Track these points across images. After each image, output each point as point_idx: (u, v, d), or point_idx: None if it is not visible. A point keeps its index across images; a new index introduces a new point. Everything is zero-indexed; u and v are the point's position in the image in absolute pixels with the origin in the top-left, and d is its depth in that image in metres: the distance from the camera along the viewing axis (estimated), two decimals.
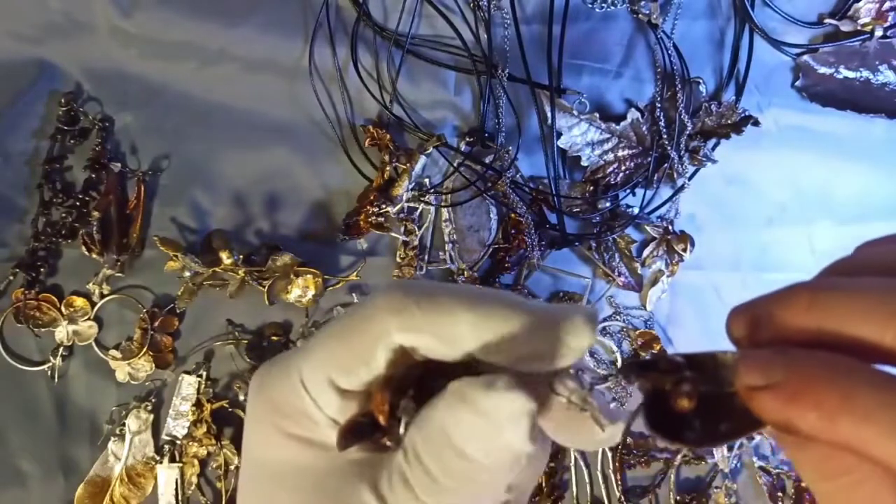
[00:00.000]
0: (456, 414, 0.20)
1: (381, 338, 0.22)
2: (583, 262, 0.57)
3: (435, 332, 0.22)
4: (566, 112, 0.55)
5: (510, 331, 0.21)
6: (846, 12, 0.58)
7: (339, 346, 0.23)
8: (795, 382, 0.19)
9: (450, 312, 0.21)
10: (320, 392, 0.23)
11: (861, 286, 0.20)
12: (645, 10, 0.56)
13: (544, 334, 0.21)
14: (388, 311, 0.22)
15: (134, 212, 0.53)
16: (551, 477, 0.56)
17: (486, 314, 0.21)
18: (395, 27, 0.55)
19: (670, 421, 0.21)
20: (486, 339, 0.21)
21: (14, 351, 0.53)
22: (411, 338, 0.22)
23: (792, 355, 0.19)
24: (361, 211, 0.54)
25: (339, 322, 0.23)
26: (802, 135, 0.59)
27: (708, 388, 0.20)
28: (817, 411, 0.18)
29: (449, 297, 0.22)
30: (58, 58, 0.53)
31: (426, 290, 0.22)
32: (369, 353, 0.22)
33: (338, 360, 0.23)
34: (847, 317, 0.19)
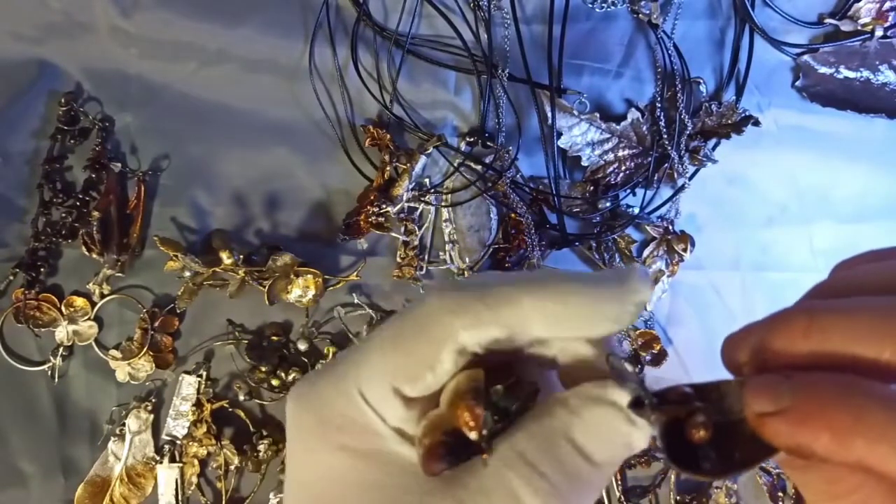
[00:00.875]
0: (587, 418, 0.21)
1: (447, 340, 0.21)
2: (583, 262, 0.57)
3: (503, 322, 0.21)
4: (566, 112, 0.55)
5: (574, 303, 0.21)
6: (846, 12, 0.58)
7: (400, 352, 0.22)
8: (805, 406, 0.19)
9: (512, 301, 0.21)
10: (383, 402, 0.22)
11: (855, 306, 0.20)
12: (645, 9, 0.56)
13: (607, 297, 0.21)
14: (449, 312, 0.21)
15: (134, 212, 0.53)
16: None
17: (546, 294, 0.21)
18: (396, 27, 0.55)
19: (687, 452, 0.21)
20: (554, 318, 0.21)
21: (14, 351, 0.53)
22: (478, 334, 0.21)
23: (798, 379, 0.19)
24: (361, 211, 0.53)
25: (394, 328, 0.23)
26: (802, 135, 0.59)
27: (718, 417, 0.21)
28: (830, 433, 0.18)
29: (507, 287, 0.22)
30: (58, 58, 0.53)
31: (481, 283, 0.22)
32: (434, 357, 0.22)
33: (401, 367, 0.22)
34: (845, 338, 0.19)
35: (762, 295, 0.58)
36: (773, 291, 0.58)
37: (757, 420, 0.20)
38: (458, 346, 0.22)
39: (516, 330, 0.22)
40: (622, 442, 0.21)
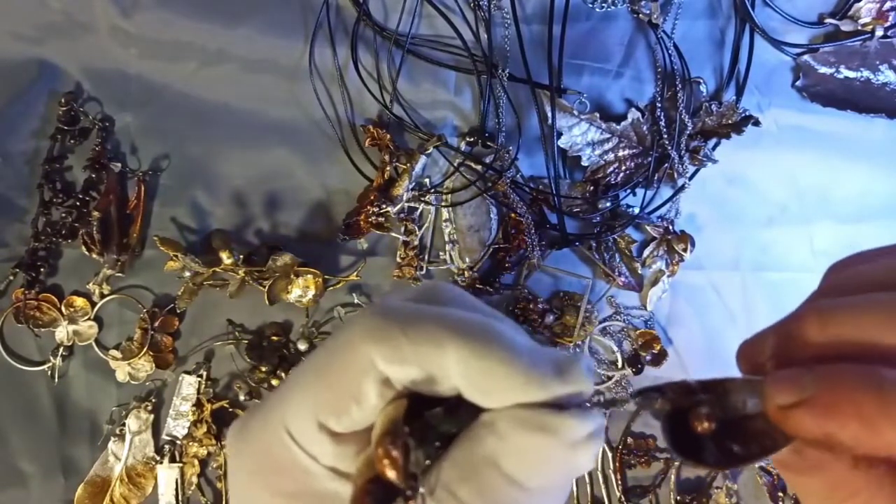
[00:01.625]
0: (516, 444, 0.19)
1: (368, 371, 0.20)
2: (583, 262, 0.57)
3: (422, 364, 0.20)
4: (566, 112, 0.55)
5: (500, 374, 0.19)
6: (846, 12, 0.58)
7: (323, 384, 0.21)
8: (830, 394, 0.19)
9: (440, 345, 0.19)
10: (310, 440, 0.21)
11: (862, 301, 0.20)
12: (645, 9, 0.56)
13: (537, 382, 0.19)
14: (371, 340, 0.20)
15: (134, 212, 0.53)
16: None
17: (477, 350, 0.19)
18: (396, 27, 0.55)
19: (690, 442, 0.21)
20: (475, 380, 0.20)
21: (14, 351, 0.53)
22: (398, 370, 0.20)
23: (821, 370, 0.19)
24: (361, 211, 0.53)
25: (318, 357, 0.21)
26: (803, 135, 0.59)
27: (721, 413, 0.21)
28: (858, 420, 0.18)
29: (437, 325, 0.20)
30: (58, 58, 0.53)
31: (411, 315, 0.20)
32: (357, 389, 0.20)
33: (324, 401, 0.21)
34: (857, 329, 0.20)
35: (762, 295, 0.58)
36: (773, 291, 0.58)
37: (779, 413, 0.20)
38: (381, 378, 0.20)
39: (435, 375, 0.20)
40: (563, 470, 0.20)
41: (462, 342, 0.19)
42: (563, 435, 0.19)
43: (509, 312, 0.56)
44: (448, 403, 0.21)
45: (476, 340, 0.19)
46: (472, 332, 0.20)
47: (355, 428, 0.21)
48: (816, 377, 0.19)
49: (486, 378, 0.19)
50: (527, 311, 0.55)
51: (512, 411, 0.19)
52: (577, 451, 0.19)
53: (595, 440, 0.20)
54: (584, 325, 0.56)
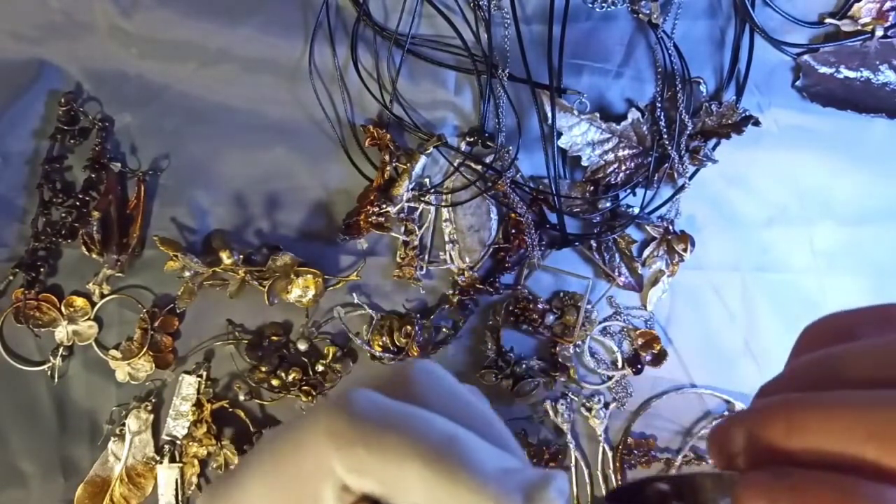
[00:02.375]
0: None
1: (326, 475, 0.19)
2: (583, 262, 0.57)
3: (382, 478, 0.19)
4: (566, 112, 0.55)
5: (466, 501, 0.18)
6: (847, 12, 0.58)
7: (280, 482, 0.20)
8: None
9: (401, 462, 0.19)
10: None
11: (833, 403, 0.19)
12: (645, 9, 0.56)
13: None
14: (331, 445, 0.19)
15: (134, 212, 0.53)
16: None
17: (442, 473, 0.19)
18: (396, 27, 0.55)
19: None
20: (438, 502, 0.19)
21: (14, 351, 0.53)
22: (356, 480, 0.19)
23: (795, 478, 0.19)
24: (361, 211, 0.53)
25: (274, 453, 0.21)
26: (803, 135, 0.59)
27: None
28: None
29: (401, 441, 0.19)
30: (58, 58, 0.53)
31: (375, 423, 0.19)
32: (315, 493, 0.20)
33: (280, 501, 0.20)
34: (826, 437, 0.19)
35: (762, 295, 0.58)
36: (773, 292, 0.58)
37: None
38: (340, 483, 0.20)
39: (395, 491, 0.19)
40: None
41: (425, 463, 0.19)
42: None
43: (509, 312, 0.56)
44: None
45: (440, 462, 0.19)
46: (436, 451, 0.19)
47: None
48: (788, 488, 0.18)
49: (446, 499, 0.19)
50: (527, 311, 0.55)
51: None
52: None
53: None
54: (584, 325, 0.56)
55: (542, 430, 0.57)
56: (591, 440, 0.57)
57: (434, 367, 0.23)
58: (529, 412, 0.57)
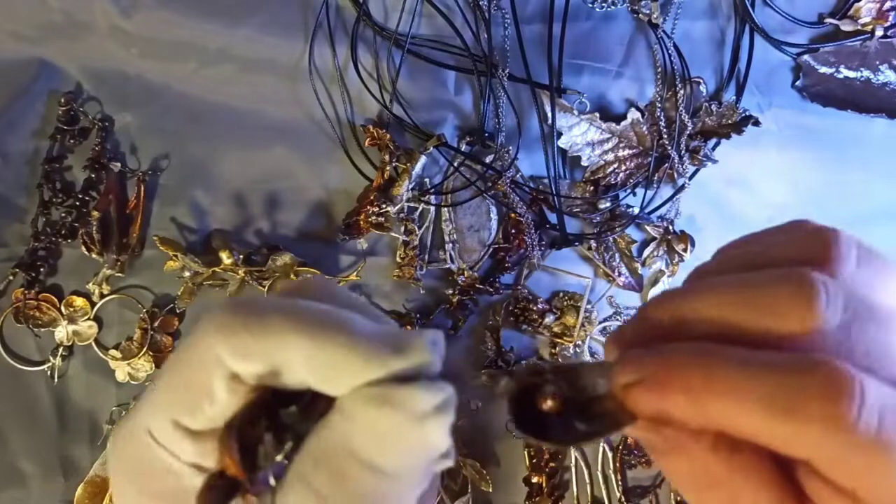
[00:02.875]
0: (363, 422, 0.19)
1: (215, 366, 0.20)
2: (583, 262, 0.57)
3: (265, 357, 0.20)
4: (566, 112, 0.55)
5: (341, 358, 0.19)
6: (846, 12, 0.58)
7: (175, 382, 0.21)
8: (664, 372, 0.19)
9: (281, 337, 0.20)
10: (169, 439, 0.21)
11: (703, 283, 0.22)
12: (645, 9, 0.56)
13: (378, 359, 0.19)
14: (216, 335, 0.20)
15: (134, 212, 0.53)
16: (551, 477, 0.56)
17: (318, 339, 0.19)
18: (396, 27, 0.55)
19: (536, 421, 0.21)
20: (318, 370, 0.20)
21: (14, 351, 0.53)
22: (243, 364, 0.20)
23: (659, 348, 0.20)
24: (361, 211, 0.54)
25: (171, 357, 0.22)
26: (803, 134, 0.59)
27: (571, 394, 0.21)
28: (685, 394, 0.19)
29: (281, 320, 0.20)
30: (58, 58, 0.53)
31: (256, 310, 0.20)
32: (207, 386, 0.20)
33: (177, 399, 0.21)
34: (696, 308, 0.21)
35: None
36: None
37: (623, 392, 0.20)
38: (228, 373, 0.20)
39: (280, 368, 0.20)
40: (415, 447, 0.19)
41: (303, 333, 0.20)
42: (407, 406, 0.19)
43: (509, 312, 0.56)
44: (303, 401, 0.21)
45: (317, 330, 0.20)
46: (313, 322, 0.20)
47: (212, 425, 0.21)
48: (654, 356, 0.20)
49: (328, 366, 0.19)
50: (527, 311, 0.55)
51: (357, 390, 0.19)
52: (425, 424, 0.19)
53: (443, 413, 0.19)
54: (584, 325, 0.56)
55: None
56: None
57: (322, 278, 0.25)
58: None
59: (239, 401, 0.21)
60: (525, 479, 0.55)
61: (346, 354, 0.19)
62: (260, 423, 0.20)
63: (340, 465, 0.19)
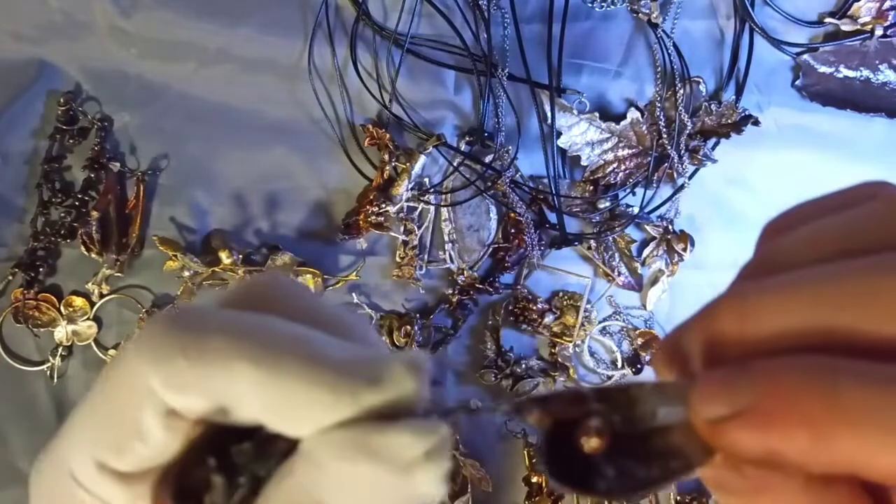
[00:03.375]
0: (336, 474, 0.16)
1: (147, 399, 0.17)
2: (583, 262, 0.57)
3: (208, 393, 0.16)
4: (566, 111, 0.55)
5: (303, 393, 0.16)
6: (846, 11, 0.58)
7: (98, 417, 0.18)
8: (771, 399, 0.15)
9: (226, 365, 0.16)
10: (94, 482, 0.17)
11: (795, 278, 0.16)
12: (645, 9, 0.56)
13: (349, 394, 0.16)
14: (146, 362, 0.16)
15: (133, 211, 0.53)
16: None
17: (272, 369, 0.16)
18: (395, 26, 0.55)
19: (577, 466, 0.17)
20: (274, 406, 0.16)
21: (13, 351, 0.53)
22: (182, 399, 0.16)
23: (759, 368, 0.15)
24: (361, 210, 0.53)
25: (99, 383, 0.18)
26: (802, 134, 0.59)
27: (623, 427, 0.17)
28: (806, 428, 0.14)
29: (225, 342, 0.16)
30: (57, 58, 0.53)
31: (195, 329, 0.16)
32: (136, 423, 0.17)
33: (101, 438, 0.17)
34: (787, 314, 0.16)
35: None
36: None
37: (709, 428, 0.16)
38: (163, 409, 0.17)
39: (226, 404, 0.17)
40: (397, 499, 0.16)
41: (253, 362, 0.16)
42: (390, 455, 0.16)
43: (509, 312, 0.56)
44: (260, 436, 0.17)
45: (270, 357, 0.16)
46: (265, 345, 0.16)
47: (147, 465, 0.17)
48: (753, 378, 0.15)
49: (286, 402, 0.16)
50: (526, 311, 0.55)
51: (328, 435, 0.16)
52: (412, 474, 0.16)
53: (435, 459, 0.16)
54: (583, 325, 0.56)
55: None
56: None
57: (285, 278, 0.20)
58: None
59: (179, 438, 0.17)
60: (525, 479, 0.55)
61: (309, 388, 0.16)
62: (206, 463, 0.17)
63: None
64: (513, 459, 0.56)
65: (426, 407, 0.17)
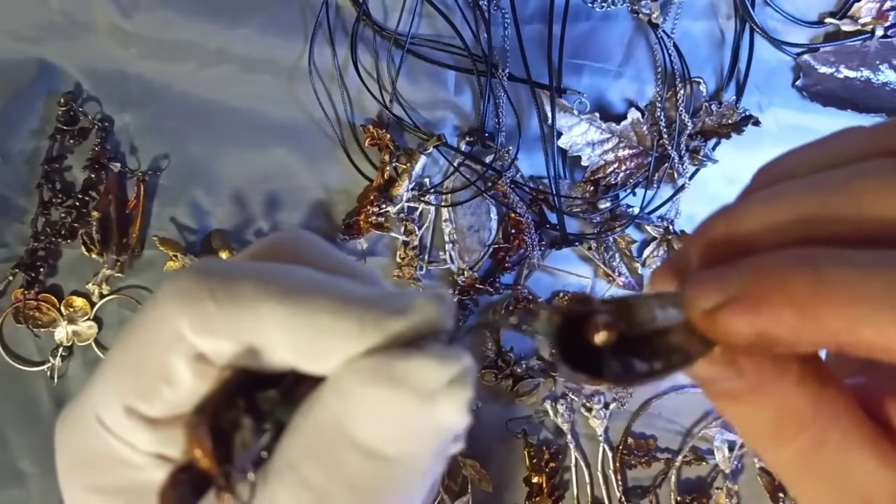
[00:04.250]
0: (362, 401, 0.16)
1: (175, 343, 0.17)
2: (583, 262, 0.57)
3: (238, 334, 0.16)
4: (566, 112, 0.55)
5: (330, 325, 0.16)
6: (847, 12, 0.58)
7: (126, 362, 0.18)
8: (759, 285, 0.16)
9: (255, 306, 0.16)
10: (123, 427, 0.18)
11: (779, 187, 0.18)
12: (645, 9, 0.56)
13: (376, 323, 0.16)
14: (175, 306, 0.17)
15: (134, 212, 0.53)
16: (551, 477, 0.56)
17: (300, 307, 0.16)
18: (395, 27, 0.55)
19: (586, 360, 0.18)
20: (302, 343, 0.16)
21: (14, 351, 0.53)
22: (209, 342, 0.17)
23: (747, 261, 0.16)
24: (361, 211, 0.53)
25: (127, 329, 0.18)
26: (803, 134, 0.59)
27: (625, 329, 0.18)
28: (792, 306, 0.15)
29: (253, 285, 0.16)
30: (57, 57, 0.53)
31: (224, 274, 0.17)
32: (165, 367, 0.17)
33: (129, 383, 0.17)
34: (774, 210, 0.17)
35: None
36: None
37: (705, 319, 0.16)
38: (192, 353, 0.17)
39: (256, 346, 0.17)
40: (424, 429, 0.16)
41: (280, 301, 0.16)
42: (415, 382, 0.16)
43: (509, 312, 0.56)
44: (285, 383, 0.17)
45: (297, 296, 0.16)
46: (293, 286, 0.16)
47: (176, 410, 0.17)
48: (741, 269, 0.16)
49: (314, 337, 0.16)
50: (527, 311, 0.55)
51: (352, 363, 0.16)
52: (435, 402, 0.16)
53: (459, 386, 0.16)
54: None
55: (542, 430, 0.57)
56: (591, 440, 0.57)
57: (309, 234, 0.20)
58: (529, 412, 0.56)
59: (207, 383, 0.17)
60: (525, 479, 0.55)
61: (335, 319, 0.16)
62: (235, 405, 0.17)
63: (336, 451, 0.16)
64: (513, 459, 0.56)
65: (449, 338, 0.17)
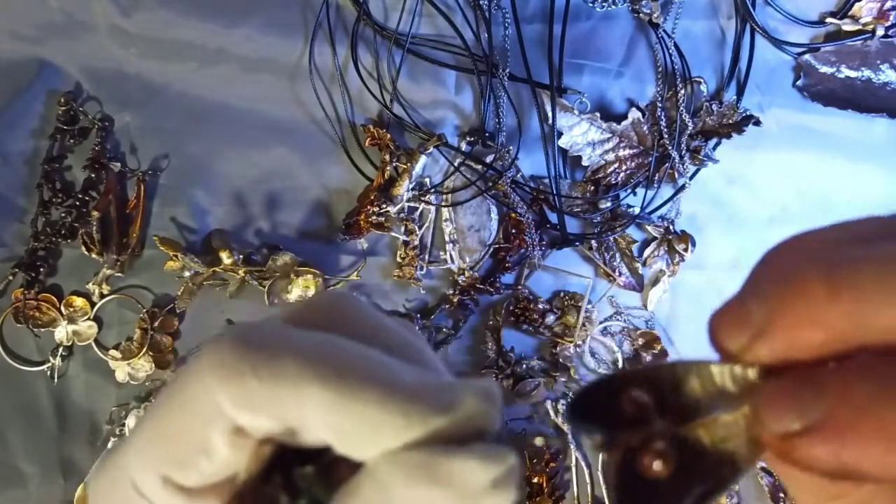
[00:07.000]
0: (403, 497, 0.16)
1: (214, 417, 0.17)
2: (584, 262, 0.57)
3: (278, 413, 0.16)
4: (567, 111, 0.55)
5: (373, 416, 0.16)
6: (847, 11, 0.57)
7: (164, 432, 0.18)
8: (845, 413, 0.14)
9: (297, 387, 0.16)
10: (159, 495, 0.18)
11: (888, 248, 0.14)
12: (646, 9, 0.56)
13: (421, 417, 0.16)
14: (216, 379, 0.16)
15: (134, 211, 0.53)
16: (552, 477, 0.55)
17: (343, 392, 0.16)
18: (396, 26, 0.55)
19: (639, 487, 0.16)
20: (343, 428, 0.16)
21: (14, 351, 0.53)
22: (250, 418, 0.17)
23: (827, 378, 0.14)
24: (362, 211, 0.53)
25: (164, 398, 0.18)
26: (804, 134, 0.59)
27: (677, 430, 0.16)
28: (885, 440, 0.13)
29: (298, 364, 0.16)
30: (57, 57, 0.53)
31: (267, 348, 0.17)
32: (202, 440, 0.17)
33: (166, 453, 0.17)
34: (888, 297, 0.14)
35: None
36: None
37: (781, 444, 0.15)
38: (231, 426, 0.17)
39: (295, 425, 0.17)
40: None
41: (325, 385, 0.16)
42: (459, 482, 0.15)
43: (510, 312, 0.56)
44: (323, 460, 0.17)
45: (341, 381, 0.16)
46: (338, 370, 0.16)
47: (212, 481, 0.17)
48: (823, 390, 0.14)
49: (355, 425, 0.16)
50: (527, 311, 0.55)
51: (395, 455, 0.16)
52: (478, 503, 0.15)
53: (502, 488, 0.16)
54: (584, 326, 0.56)
55: (543, 430, 0.57)
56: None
57: (351, 296, 0.21)
58: (530, 412, 0.56)
59: (244, 455, 0.17)
60: (525, 479, 0.55)
61: (380, 411, 0.16)
62: (272, 481, 0.17)
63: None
64: None
65: (496, 435, 0.16)
